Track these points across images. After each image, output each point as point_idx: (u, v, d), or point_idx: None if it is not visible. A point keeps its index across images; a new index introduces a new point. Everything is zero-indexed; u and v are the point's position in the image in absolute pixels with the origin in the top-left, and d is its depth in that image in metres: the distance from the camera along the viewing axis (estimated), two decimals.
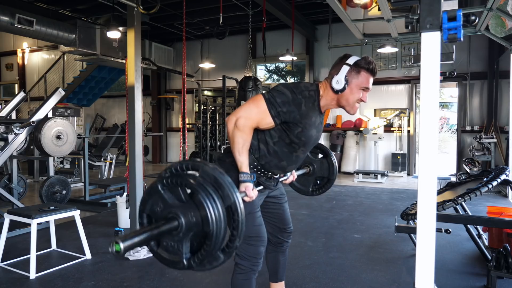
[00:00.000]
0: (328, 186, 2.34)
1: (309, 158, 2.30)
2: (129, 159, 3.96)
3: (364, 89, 1.75)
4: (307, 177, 2.33)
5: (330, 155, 2.28)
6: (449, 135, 14.55)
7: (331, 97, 1.78)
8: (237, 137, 1.69)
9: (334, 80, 1.73)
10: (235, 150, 1.70)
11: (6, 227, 3.15)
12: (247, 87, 5.66)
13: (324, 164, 2.29)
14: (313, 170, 2.31)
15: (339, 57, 1.80)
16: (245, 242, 1.81)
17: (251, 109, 1.72)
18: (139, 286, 2.76)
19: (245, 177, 1.70)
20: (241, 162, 1.71)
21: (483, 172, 3.39)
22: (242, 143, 1.70)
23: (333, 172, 2.29)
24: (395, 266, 3.12)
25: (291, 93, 1.71)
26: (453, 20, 1.57)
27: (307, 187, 2.36)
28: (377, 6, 3.58)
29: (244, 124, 1.69)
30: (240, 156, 1.70)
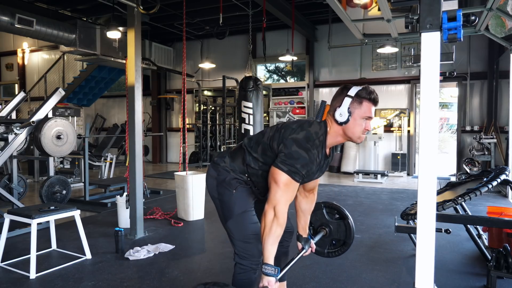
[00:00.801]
0: (345, 249, 2.26)
1: (325, 219, 2.26)
2: (129, 159, 3.96)
3: (367, 119, 1.75)
4: (324, 239, 2.28)
5: (347, 218, 2.22)
6: (449, 135, 14.54)
7: (336, 131, 1.78)
8: (275, 227, 1.66)
9: (337, 113, 1.74)
10: (269, 239, 1.66)
11: (6, 227, 3.15)
12: (248, 87, 5.66)
13: (341, 227, 2.24)
14: (330, 231, 2.25)
15: (340, 88, 1.80)
16: (244, 241, 1.81)
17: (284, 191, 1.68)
18: (139, 286, 2.76)
19: (269, 270, 1.65)
20: (269, 253, 1.66)
21: (483, 172, 3.39)
22: (279, 233, 1.68)
23: (350, 236, 2.23)
24: (395, 266, 3.12)
25: (307, 153, 1.69)
26: (453, 20, 1.58)
27: (323, 249, 2.30)
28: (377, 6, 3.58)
29: (284, 211, 1.68)
30: (271, 247, 1.67)
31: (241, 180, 1.86)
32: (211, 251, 3.56)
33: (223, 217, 1.88)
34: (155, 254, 3.38)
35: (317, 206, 2.24)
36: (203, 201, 4.70)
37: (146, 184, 5.09)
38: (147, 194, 5.10)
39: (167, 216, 4.71)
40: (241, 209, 1.82)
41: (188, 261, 3.28)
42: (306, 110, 9.41)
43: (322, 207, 2.27)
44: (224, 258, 3.31)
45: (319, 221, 2.28)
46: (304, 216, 2.12)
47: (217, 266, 3.17)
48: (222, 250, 3.51)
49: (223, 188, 1.86)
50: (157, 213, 4.76)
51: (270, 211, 1.67)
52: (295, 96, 9.64)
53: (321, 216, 2.27)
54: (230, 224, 1.84)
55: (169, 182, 7.48)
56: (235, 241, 1.84)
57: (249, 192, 1.89)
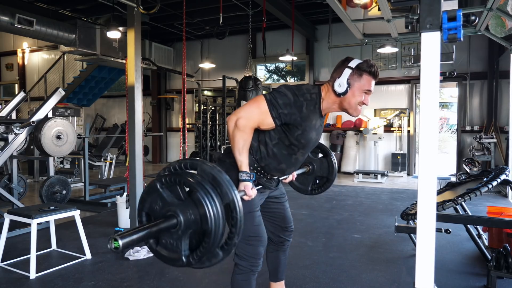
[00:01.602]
0: (328, 186, 2.34)
1: (309, 157, 2.30)
2: (129, 159, 3.96)
3: (366, 92, 1.75)
4: (307, 176, 2.33)
5: (330, 155, 2.28)
6: (449, 135, 14.55)
7: (333, 100, 1.78)
8: (237, 137, 1.69)
9: (337, 83, 1.74)
10: (235, 149, 1.71)
11: (6, 227, 3.15)
12: (247, 87, 5.66)
13: (323, 164, 2.29)
14: (313, 169, 2.31)
15: (341, 60, 1.80)
16: (245, 242, 1.81)
17: (252, 109, 1.72)
18: (139, 286, 2.76)
19: (244, 176, 1.70)
20: (241, 162, 1.71)
21: (483, 172, 3.39)
22: (242, 143, 1.70)
23: (332, 172, 2.29)
24: (395, 266, 3.12)
25: (293, 95, 1.71)
26: (453, 20, 1.57)
27: (306, 186, 2.36)
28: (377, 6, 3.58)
29: (245, 125, 1.69)
30: (240, 156, 1.71)
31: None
32: None
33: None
34: None
35: None
36: None
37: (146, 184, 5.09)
38: None
39: None
40: (246, 210, 1.82)
41: None
42: None
43: None
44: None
45: None
46: None
47: (217, 266, 3.16)
48: None
49: None
50: None
51: (231, 120, 1.71)
52: None
53: None
54: None
55: None
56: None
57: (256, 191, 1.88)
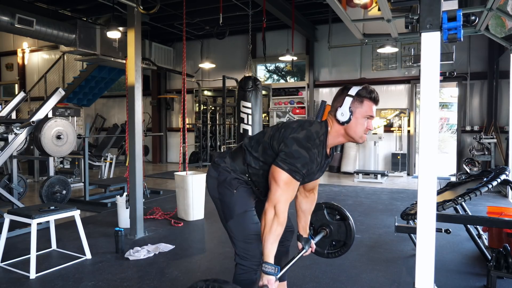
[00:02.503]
0: (345, 250, 2.26)
1: (326, 220, 2.26)
2: (129, 159, 3.96)
3: (369, 118, 1.75)
4: (324, 239, 2.28)
5: (348, 219, 2.22)
6: (449, 135, 14.55)
7: (338, 131, 1.78)
8: (275, 226, 1.66)
9: (339, 113, 1.73)
10: (270, 237, 1.66)
11: (6, 227, 3.15)
12: (247, 87, 5.67)
13: (341, 228, 2.23)
14: (330, 232, 2.25)
15: (340, 89, 1.81)
16: (245, 242, 1.81)
17: (285, 190, 1.68)
18: (139, 286, 2.76)
19: (269, 268, 1.65)
20: (269, 252, 1.67)
21: (483, 172, 3.39)
22: (279, 231, 1.68)
23: (350, 237, 2.22)
24: (395, 266, 3.12)
25: (307, 152, 1.69)
26: (453, 20, 1.58)
27: (323, 249, 2.30)
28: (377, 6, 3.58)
29: (284, 209, 1.68)
30: (271, 246, 1.67)
31: (241, 180, 1.86)
32: (211, 251, 3.56)
33: (223, 217, 1.88)
34: (155, 254, 3.38)
35: (318, 206, 2.24)
36: (203, 201, 4.70)
37: (146, 184, 5.10)
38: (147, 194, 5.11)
39: (167, 216, 4.70)
40: (242, 209, 1.82)
41: (188, 261, 3.28)
42: (306, 110, 9.41)
43: (323, 207, 2.26)
44: (224, 258, 3.31)
45: (320, 222, 2.27)
46: (304, 216, 2.12)
47: (217, 266, 3.17)
48: (222, 250, 3.51)
49: (223, 188, 1.86)
50: (157, 213, 4.75)
51: (270, 210, 1.68)
52: (295, 96, 9.64)
53: (321, 216, 2.26)
54: (231, 224, 1.84)
55: (169, 182, 7.48)
56: (236, 241, 1.83)
57: (250, 192, 1.89)
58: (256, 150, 1.83)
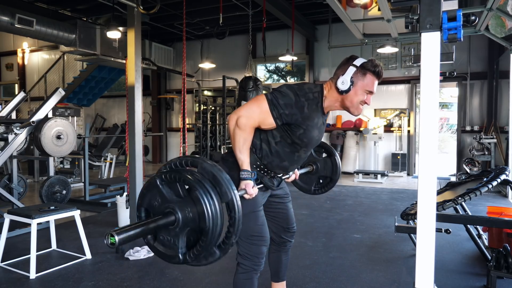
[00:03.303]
0: (331, 186, 2.33)
1: (313, 157, 2.30)
2: (129, 159, 3.96)
3: (369, 92, 1.74)
4: (310, 176, 2.33)
5: (334, 155, 2.28)
6: (449, 135, 14.54)
7: (335, 98, 1.78)
8: (238, 135, 1.71)
9: (340, 81, 1.73)
10: (236, 148, 1.72)
11: (6, 227, 3.15)
12: (247, 87, 5.65)
13: (327, 164, 2.29)
14: (317, 169, 2.30)
15: (346, 57, 1.79)
16: (248, 241, 1.81)
17: (253, 109, 1.72)
18: (139, 286, 2.76)
19: (245, 174, 1.71)
20: (241, 160, 1.72)
21: (483, 172, 3.39)
22: (242, 141, 1.71)
23: (336, 172, 2.28)
24: (395, 266, 3.13)
25: (294, 96, 1.71)
26: (453, 20, 1.57)
27: (310, 186, 2.36)
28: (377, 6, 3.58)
29: (245, 124, 1.70)
30: (241, 154, 1.72)
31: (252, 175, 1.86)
32: None
33: None
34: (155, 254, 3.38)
35: None
36: None
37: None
38: None
39: None
40: (248, 209, 1.81)
41: None
42: None
43: None
44: (224, 258, 3.30)
45: (306, 159, 2.30)
46: None
47: (217, 266, 3.17)
48: None
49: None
50: None
51: (232, 119, 1.72)
52: None
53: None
54: None
55: None
56: (239, 241, 1.83)
57: (260, 190, 1.88)
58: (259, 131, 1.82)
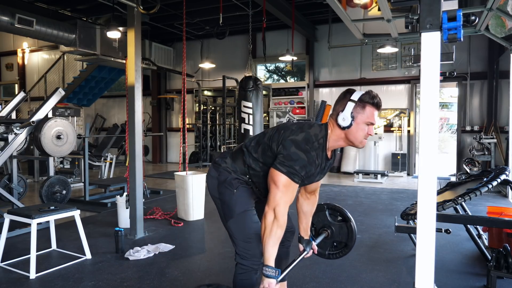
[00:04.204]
0: (346, 251, 2.26)
1: (328, 221, 2.26)
2: (129, 159, 3.96)
3: (370, 124, 1.74)
4: (325, 240, 2.28)
5: (349, 221, 2.22)
6: (449, 135, 14.54)
7: (338, 135, 1.77)
8: (275, 228, 1.66)
9: (340, 117, 1.72)
10: (270, 240, 1.67)
11: (6, 227, 3.15)
12: (248, 87, 5.66)
13: (343, 229, 2.23)
14: (331, 233, 2.25)
15: (342, 92, 1.79)
16: (245, 241, 1.81)
17: (284, 193, 1.68)
18: (139, 286, 2.76)
19: (270, 272, 1.65)
20: (270, 254, 1.67)
21: (483, 172, 3.39)
22: (280, 234, 1.68)
23: (351, 239, 2.22)
24: (395, 266, 3.12)
25: (305, 154, 1.68)
26: (453, 20, 1.58)
27: (324, 250, 2.30)
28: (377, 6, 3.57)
29: (284, 212, 1.68)
30: (271, 248, 1.67)
31: (242, 180, 1.86)
32: (211, 251, 3.56)
33: (224, 217, 1.88)
34: (155, 254, 3.38)
35: (319, 207, 2.24)
36: (203, 201, 4.70)
37: (146, 184, 5.09)
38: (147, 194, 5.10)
39: (167, 216, 4.70)
40: (242, 209, 1.82)
41: (188, 261, 3.28)
42: (306, 110, 9.41)
43: (325, 208, 2.27)
44: (224, 258, 3.31)
45: (321, 223, 2.27)
46: (305, 217, 2.12)
47: (217, 266, 3.17)
48: (222, 250, 3.51)
49: (224, 188, 1.86)
50: (157, 213, 4.75)
51: (270, 213, 1.67)
52: (295, 96, 9.64)
53: (323, 217, 2.26)
54: (231, 224, 1.84)
55: (169, 182, 7.48)
56: (237, 241, 1.83)
57: (250, 192, 1.89)
58: (255, 151, 1.83)
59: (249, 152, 1.85)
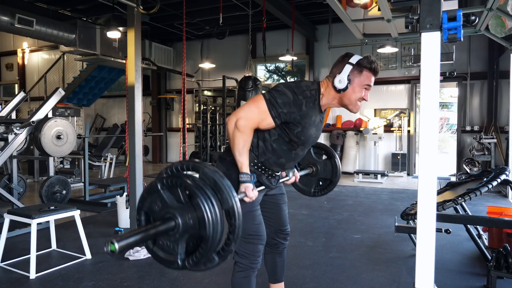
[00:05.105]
0: (331, 188, 2.32)
1: (313, 158, 2.28)
2: (129, 159, 3.96)
3: (366, 88, 1.75)
4: (310, 178, 2.32)
5: (334, 157, 2.26)
6: (449, 135, 14.55)
7: (332, 96, 1.77)
8: (237, 138, 1.69)
9: (337, 79, 1.73)
10: (235, 150, 1.70)
11: (6, 227, 3.15)
12: (247, 87, 5.65)
13: (327, 166, 2.27)
14: (317, 171, 2.29)
15: (341, 55, 1.79)
16: (244, 240, 1.81)
17: (252, 109, 1.71)
18: (139, 286, 2.76)
19: (245, 177, 1.70)
20: (241, 163, 1.71)
21: (483, 172, 3.39)
22: (242, 143, 1.70)
23: (336, 174, 2.27)
24: (395, 266, 3.12)
25: (292, 94, 1.70)
26: (453, 20, 1.58)
27: (309, 188, 2.34)
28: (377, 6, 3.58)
29: (245, 125, 1.69)
30: (240, 157, 1.70)
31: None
32: None
33: None
34: None
35: None
36: None
37: (146, 184, 5.09)
38: None
39: None
40: (246, 209, 1.82)
41: None
42: None
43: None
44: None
45: (306, 161, 2.30)
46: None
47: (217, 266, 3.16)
48: None
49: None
50: None
51: (231, 121, 1.70)
52: None
53: (308, 155, 2.29)
54: None
55: None
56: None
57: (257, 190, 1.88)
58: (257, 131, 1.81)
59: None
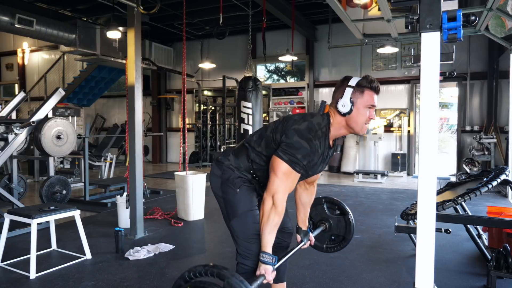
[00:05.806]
0: (344, 245, 2.26)
1: (326, 214, 2.26)
2: (129, 159, 3.96)
3: (370, 108, 1.75)
4: (323, 234, 2.28)
5: (348, 214, 2.23)
6: (449, 135, 14.54)
7: (339, 123, 1.78)
8: (272, 215, 1.67)
9: (340, 104, 1.74)
10: (267, 226, 1.68)
11: (6, 227, 3.15)
12: (247, 87, 5.67)
13: (341, 222, 2.24)
14: (329, 227, 2.25)
15: (340, 80, 1.81)
16: (246, 241, 1.81)
17: (283, 181, 1.68)
18: (139, 286, 2.76)
19: (267, 258, 1.67)
20: (267, 241, 1.69)
21: (483, 172, 3.39)
22: (277, 221, 1.68)
23: (349, 232, 2.22)
24: (395, 266, 3.12)
25: (308, 143, 1.68)
26: (453, 20, 1.58)
27: (322, 244, 2.30)
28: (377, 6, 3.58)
29: (282, 199, 1.68)
30: (269, 235, 1.68)
31: (245, 178, 1.86)
32: (211, 251, 3.56)
33: (227, 216, 1.88)
34: (155, 254, 3.38)
35: (318, 200, 2.24)
36: (203, 201, 4.70)
37: (146, 184, 5.09)
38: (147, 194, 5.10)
39: (167, 216, 4.70)
40: (245, 208, 1.82)
41: (188, 261, 3.28)
42: (306, 110, 9.40)
43: (323, 202, 2.27)
44: (224, 258, 3.31)
45: (319, 216, 2.28)
46: (304, 208, 2.13)
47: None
48: (222, 250, 3.51)
49: (227, 186, 1.86)
50: (157, 213, 4.76)
51: (268, 200, 1.68)
52: (295, 96, 9.64)
53: (321, 210, 2.27)
54: (234, 223, 1.84)
55: (169, 182, 7.48)
56: (238, 240, 1.83)
57: (253, 190, 1.88)
58: (259, 144, 1.83)
59: (252, 147, 1.85)
